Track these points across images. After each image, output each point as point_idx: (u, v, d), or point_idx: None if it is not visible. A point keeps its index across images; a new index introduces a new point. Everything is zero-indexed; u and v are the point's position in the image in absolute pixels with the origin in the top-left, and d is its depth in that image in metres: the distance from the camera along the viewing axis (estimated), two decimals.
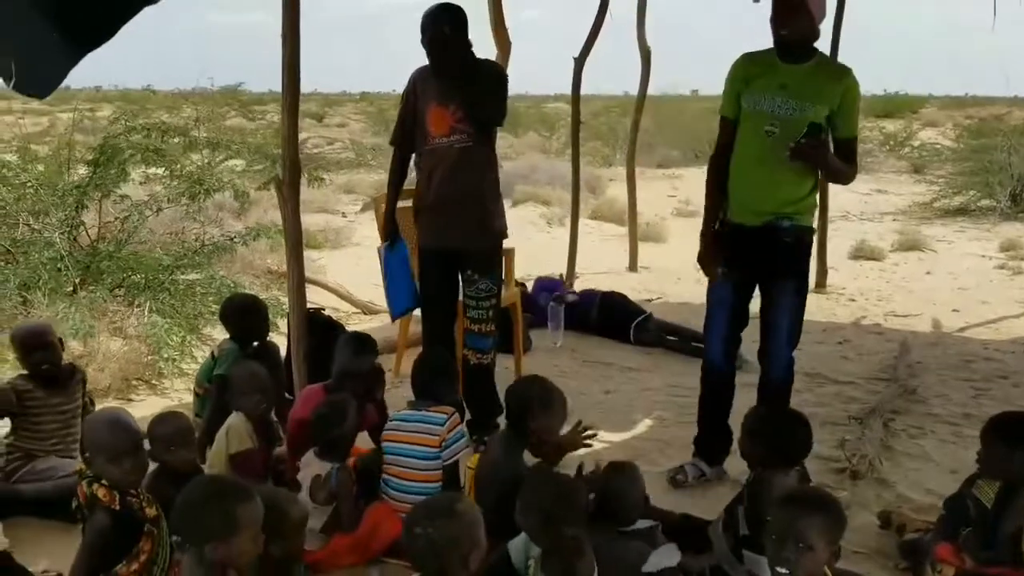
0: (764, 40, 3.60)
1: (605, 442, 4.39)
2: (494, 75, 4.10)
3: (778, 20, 3.50)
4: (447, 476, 3.23)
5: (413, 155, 4.20)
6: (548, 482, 2.64)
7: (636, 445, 4.35)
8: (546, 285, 6.41)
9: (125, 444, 2.69)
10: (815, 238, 8.01)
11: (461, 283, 4.20)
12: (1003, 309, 7.23)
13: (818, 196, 3.75)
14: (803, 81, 3.51)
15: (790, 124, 3.47)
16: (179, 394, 4.90)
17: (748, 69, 3.64)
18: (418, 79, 4.08)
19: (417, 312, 4.42)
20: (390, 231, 4.29)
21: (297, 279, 3.99)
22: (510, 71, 5.96)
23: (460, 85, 3.92)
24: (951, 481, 3.40)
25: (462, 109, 3.94)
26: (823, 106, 3.50)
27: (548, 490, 2.56)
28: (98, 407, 3.89)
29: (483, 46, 4.24)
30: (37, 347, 3.54)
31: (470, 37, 3.98)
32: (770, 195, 3.60)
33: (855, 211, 12.95)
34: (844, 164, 3.62)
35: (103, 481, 2.69)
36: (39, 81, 2.18)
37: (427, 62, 3.98)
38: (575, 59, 7.34)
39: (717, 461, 3.90)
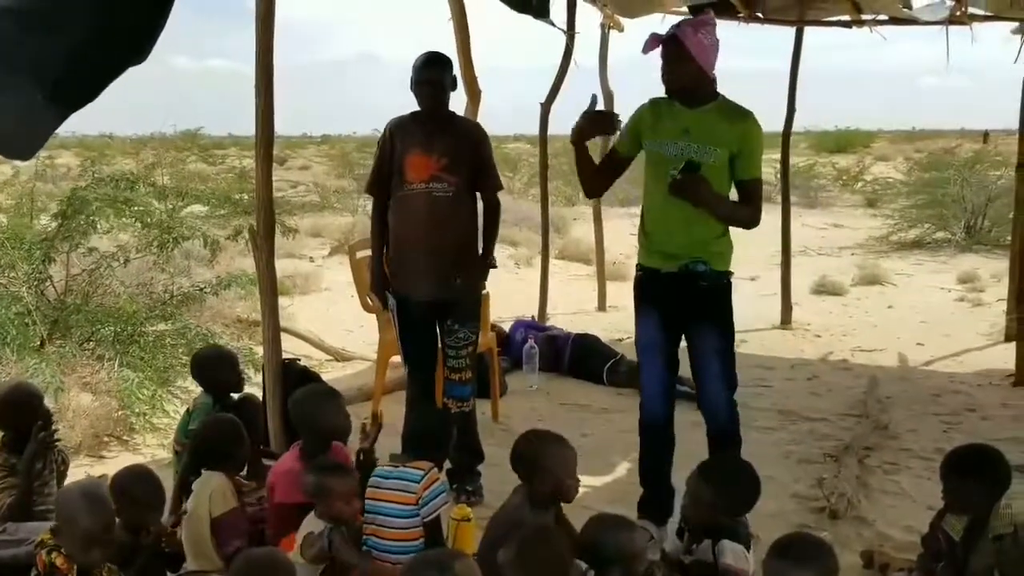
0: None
1: (586, 486, 4.39)
2: (485, 143, 4.18)
3: (663, 69, 3.57)
4: (428, 533, 3.15)
5: None
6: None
7: (617, 488, 4.35)
8: (523, 322, 6.49)
9: (96, 528, 2.64)
10: (779, 276, 8.14)
11: (439, 332, 4.18)
12: (966, 341, 7.38)
13: (731, 241, 3.68)
14: (703, 125, 3.54)
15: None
16: (151, 450, 4.80)
17: (654, 113, 3.68)
18: (396, 127, 4.09)
19: (395, 359, 4.39)
20: (379, 285, 4.22)
21: (272, 330, 3.93)
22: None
23: (446, 134, 3.97)
24: (928, 517, 3.44)
25: (447, 157, 3.96)
26: (724, 149, 3.52)
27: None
28: (71, 467, 3.81)
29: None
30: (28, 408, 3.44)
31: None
32: (679, 238, 3.60)
33: (813, 246, 13.16)
34: (740, 207, 3.61)
35: (62, 550, 2.63)
36: (22, 145, 2.13)
37: (401, 110, 4.03)
38: (541, 104, 7.42)
39: (664, 521, 3.73)
